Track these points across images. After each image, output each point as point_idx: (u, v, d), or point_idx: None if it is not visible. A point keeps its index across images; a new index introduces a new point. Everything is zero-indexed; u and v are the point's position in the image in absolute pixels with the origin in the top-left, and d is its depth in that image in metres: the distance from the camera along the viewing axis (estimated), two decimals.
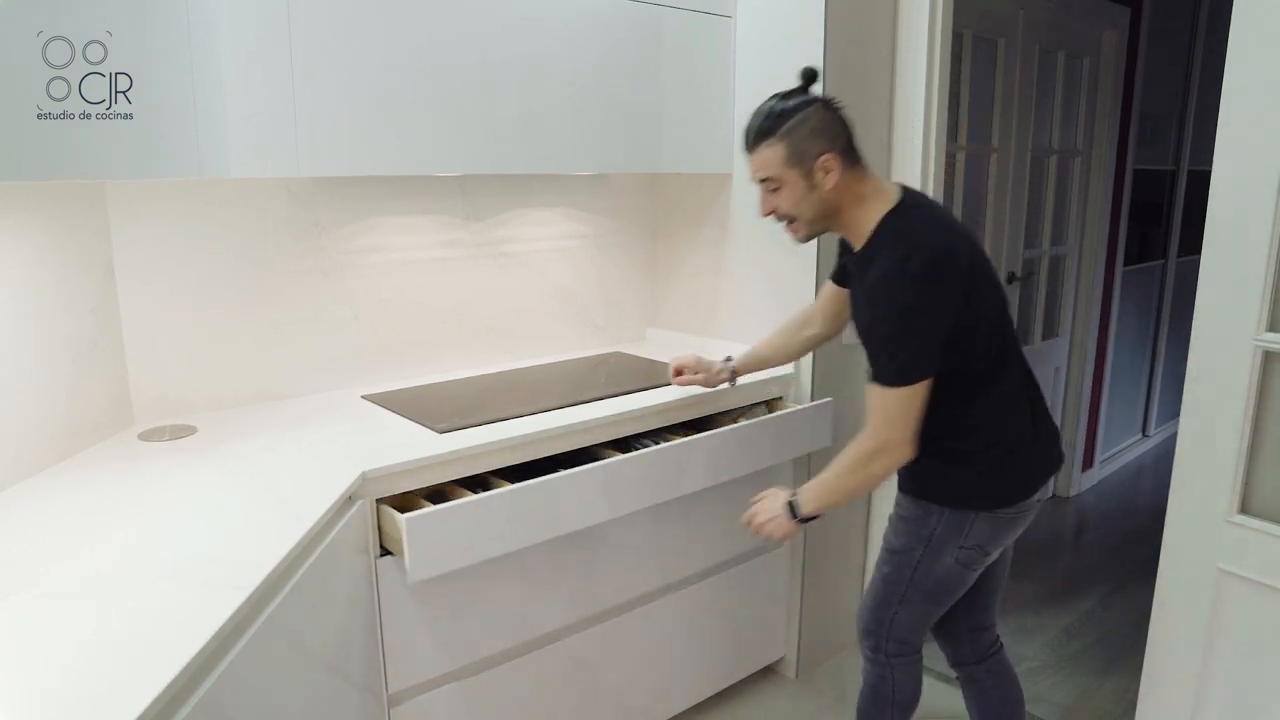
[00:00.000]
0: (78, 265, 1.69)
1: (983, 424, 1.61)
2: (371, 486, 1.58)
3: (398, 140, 1.82)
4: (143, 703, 0.87)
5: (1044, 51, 3.22)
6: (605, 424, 1.92)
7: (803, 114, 1.52)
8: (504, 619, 1.82)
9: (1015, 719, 1.88)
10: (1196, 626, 1.89)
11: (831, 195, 1.55)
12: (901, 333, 1.47)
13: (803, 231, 1.62)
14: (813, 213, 1.58)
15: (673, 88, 2.25)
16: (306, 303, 2.07)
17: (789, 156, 1.53)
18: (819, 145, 1.52)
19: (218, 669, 1.04)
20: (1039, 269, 3.49)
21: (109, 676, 0.94)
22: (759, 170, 1.58)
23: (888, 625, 1.75)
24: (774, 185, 1.57)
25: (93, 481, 1.53)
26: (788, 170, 1.54)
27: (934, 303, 1.47)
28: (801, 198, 1.56)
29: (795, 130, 1.52)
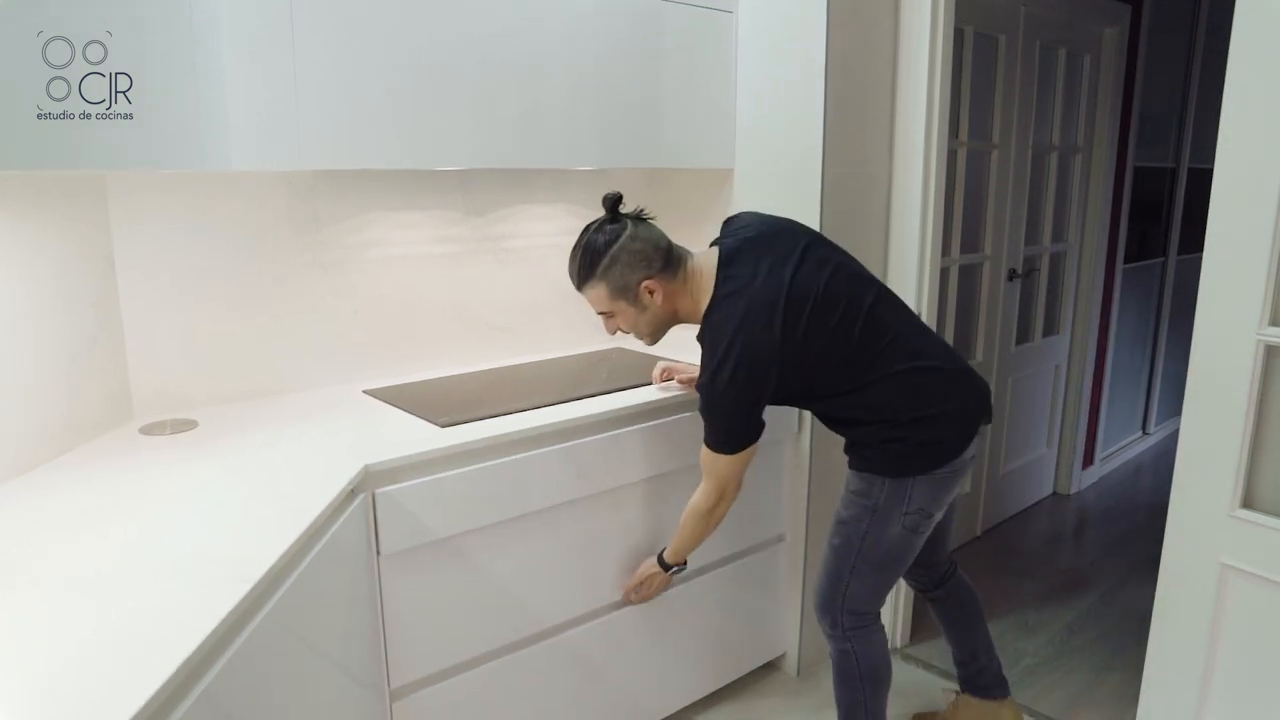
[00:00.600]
0: (78, 259, 1.69)
1: (880, 410, 1.73)
2: (374, 480, 1.57)
3: (398, 134, 1.81)
4: (142, 698, 0.87)
5: (1044, 48, 3.22)
6: (607, 419, 1.91)
7: (613, 250, 1.67)
8: (506, 614, 1.82)
9: (975, 619, 2.09)
10: (1199, 621, 1.89)
11: (663, 308, 1.74)
12: (722, 420, 1.69)
13: (648, 340, 1.83)
14: (650, 327, 1.78)
15: (673, 82, 2.25)
16: (306, 297, 2.07)
17: (612, 292, 1.70)
18: (637, 275, 1.69)
19: (219, 663, 1.04)
20: (1040, 266, 3.48)
21: (109, 672, 0.93)
22: (594, 305, 1.76)
23: (840, 599, 1.83)
24: (609, 314, 1.76)
25: (92, 476, 1.53)
26: (615, 303, 1.72)
27: (742, 396, 1.66)
28: (635, 319, 1.75)
29: (610, 269, 1.68)
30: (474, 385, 2.15)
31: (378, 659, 1.63)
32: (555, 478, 1.84)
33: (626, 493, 1.98)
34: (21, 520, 1.34)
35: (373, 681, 1.61)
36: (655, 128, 2.24)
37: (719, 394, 1.66)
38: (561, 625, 1.93)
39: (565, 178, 2.48)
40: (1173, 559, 1.93)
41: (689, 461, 2.10)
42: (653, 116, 2.23)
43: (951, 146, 2.88)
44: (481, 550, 1.75)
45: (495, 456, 1.74)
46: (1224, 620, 1.87)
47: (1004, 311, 3.28)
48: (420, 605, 1.67)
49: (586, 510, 1.92)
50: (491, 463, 1.73)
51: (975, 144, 3.00)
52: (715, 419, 1.71)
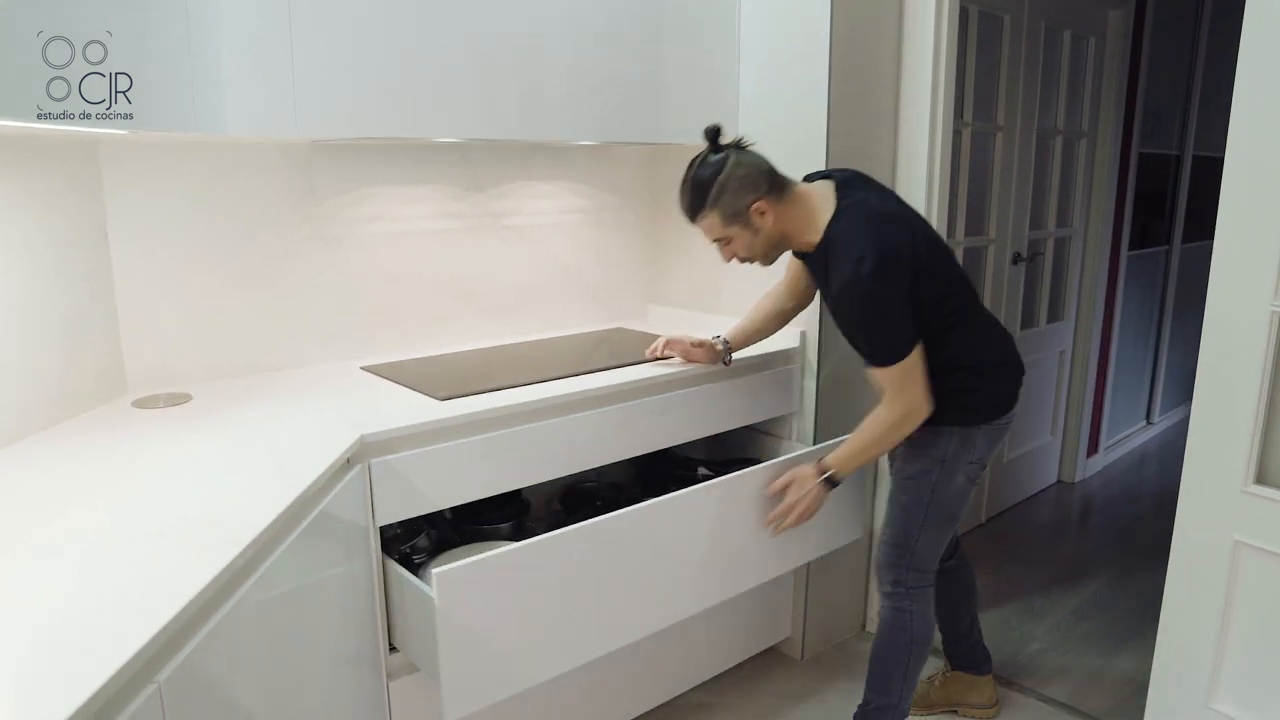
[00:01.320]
0: (71, 229, 1.65)
1: (963, 356, 1.79)
2: (370, 450, 1.54)
3: (398, 103, 1.78)
4: (126, 654, 0.83)
5: (1049, 30, 3.18)
6: (608, 393, 1.88)
7: (720, 179, 1.68)
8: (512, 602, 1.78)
9: (970, 596, 2.16)
10: (1212, 599, 1.86)
11: (774, 229, 1.73)
12: (879, 323, 1.67)
13: (763, 262, 1.82)
14: (764, 249, 1.76)
15: (676, 57, 2.22)
16: (305, 272, 2.03)
17: (725, 218, 1.70)
18: (746, 198, 1.69)
19: (207, 625, 1.00)
20: (1044, 250, 3.45)
21: (95, 630, 0.89)
22: (708, 234, 1.76)
23: (909, 556, 1.87)
24: (725, 240, 1.75)
25: (83, 446, 1.49)
26: (729, 229, 1.72)
27: (891, 291, 1.64)
28: (750, 243, 1.74)
29: (719, 196, 1.69)
30: (475, 362, 2.12)
31: (374, 634, 1.60)
32: (555, 451, 1.81)
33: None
34: (7, 487, 1.31)
35: (370, 658, 1.58)
36: (657, 103, 2.21)
37: (865, 291, 1.63)
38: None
39: (567, 155, 2.45)
40: (1184, 536, 1.90)
41: (694, 436, 2.08)
42: (655, 91, 2.19)
43: (956, 127, 2.84)
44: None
45: (494, 429, 1.71)
46: (1236, 597, 1.83)
47: (1008, 296, 3.24)
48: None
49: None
50: (490, 434, 1.70)
51: (980, 125, 2.97)
52: (870, 323, 1.68)
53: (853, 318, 1.72)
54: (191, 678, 0.96)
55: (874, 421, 1.75)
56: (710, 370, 2.06)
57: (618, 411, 1.90)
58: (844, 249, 1.66)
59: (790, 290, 2.04)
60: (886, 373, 1.69)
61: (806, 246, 1.76)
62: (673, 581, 1.80)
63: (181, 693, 0.93)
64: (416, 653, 1.58)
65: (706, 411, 2.09)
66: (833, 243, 1.69)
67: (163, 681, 0.89)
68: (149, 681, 0.88)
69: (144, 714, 0.86)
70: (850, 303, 1.68)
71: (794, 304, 2.05)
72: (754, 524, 1.90)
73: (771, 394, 2.25)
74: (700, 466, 2.17)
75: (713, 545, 1.84)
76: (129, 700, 0.84)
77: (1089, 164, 3.56)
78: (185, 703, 0.94)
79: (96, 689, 0.78)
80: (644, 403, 1.95)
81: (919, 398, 1.70)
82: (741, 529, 1.88)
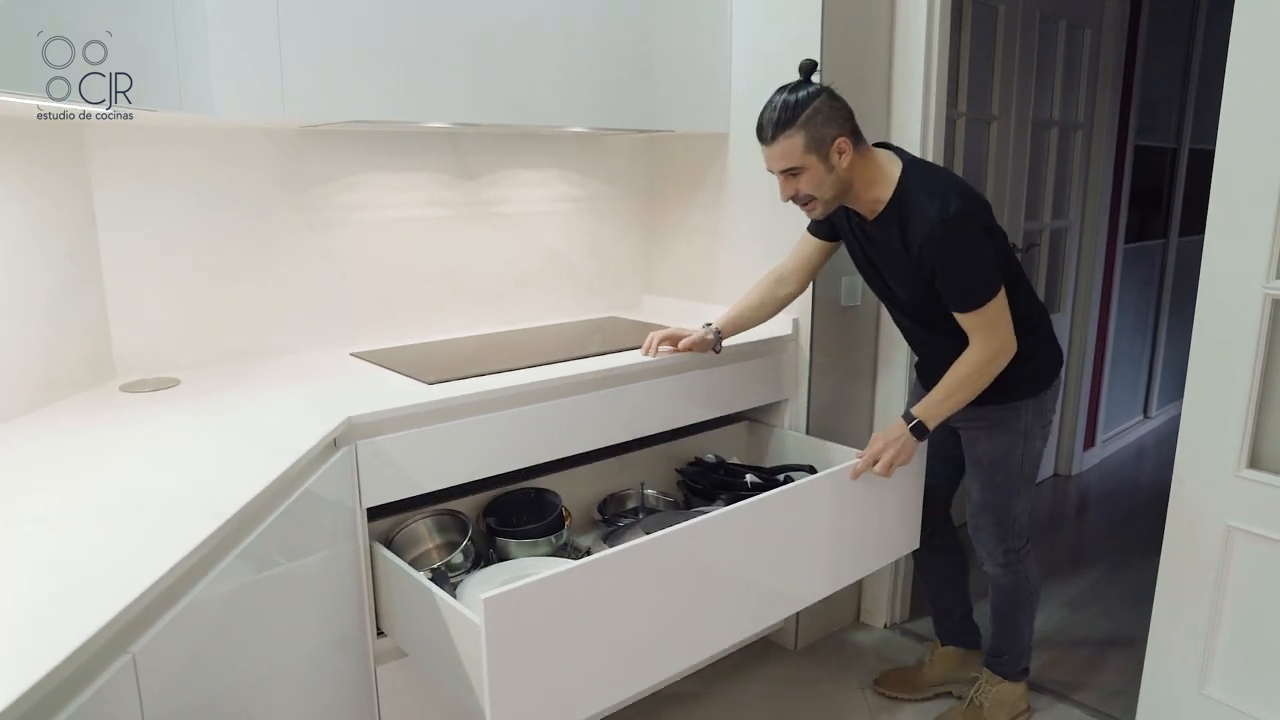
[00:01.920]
0: (57, 212, 1.65)
1: (1031, 313, 1.86)
2: (357, 432, 1.53)
3: (386, 87, 1.77)
4: (99, 623, 0.82)
5: (1045, 19, 3.18)
6: (598, 378, 1.87)
7: (814, 104, 1.66)
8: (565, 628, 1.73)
9: (964, 573, 2.23)
10: (1205, 584, 1.85)
11: (846, 174, 1.71)
12: (971, 263, 1.70)
13: (820, 209, 1.77)
14: (832, 192, 1.73)
15: (669, 44, 2.21)
16: (294, 259, 2.03)
17: (808, 144, 1.66)
18: (832, 130, 1.67)
19: (186, 597, 1.00)
20: (1040, 242, 3.44)
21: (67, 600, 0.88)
22: (782, 160, 1.70)
23: (1013, 527, 1.98)
24: (796, 172, 1.70)
25: (66, 427, 1.48)
26: (807, 156, 1.68)
27: (978, 232, 1.70)
28: (821, 180, 1.70)
29: (811, 120, 1.65)
30: (465, 349, 2.11)
31: (362, 616, 1.59)
32: (545, 435, 1.80)
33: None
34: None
35: (356, 640, 1.57)
36: (650, 90, 2.20)
37: (957, 232, 1.66)
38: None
39: (558, 143, 2.44)
40: (1178, 522, 1.89)
41: (685, 421, 2.07)
42: (647, 78, 2.19)
43: (950, 116, 2.84)
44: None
45: (483, 412, 1.70)
46: (1229, 583, 1.83)
47: None
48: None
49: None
50: (480, 418, 1.69)
51: (974, 114, 2.96)
52: (963, 263, 1.69)
53: (944, 260, 1.69)
54: (168, 650, 0.95)
55: (964, 364, 1.76)
56: (702, 357, 2.05)
57: (608, 396, 1.90)
58: (926, 198, 1.69)
59: (796, 273, 2.03)
60: (979, 314, 1.71)
61: (870, 203, 1.76)
62: (735, 599, 1.68)
63: (157, 665, 0.92)
64: (463, 686, 1.43)
65: (698, 397, 2.08)
66: (910, 195, 1.71)
67: (137, 652, 0.89)
68: (123, 652, 0.87)
69: (116, 684, 0.85)
70: (940, 246, 1.68)
71: (796, 288, 2.04)
72: (815, 537, 1.81)
73: (764, 381, 2.24)
74: (748, 474, 2.09)
75: (774, 560, 1.74)
76: (100, 670, 0.84)
77: (1085, 156, 3.55)
78: (160, 675, 0.93)
79: (66, 656, 0.77)
80: (634, 388, 1.94)
81: (1009, 335, 1.74)
82: (804, 542, 1.79)
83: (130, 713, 0.87)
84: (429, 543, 1.83)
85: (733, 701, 2.23)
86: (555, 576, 1.35)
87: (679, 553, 1.53)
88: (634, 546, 1.46)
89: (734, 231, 2.42)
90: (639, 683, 1.54)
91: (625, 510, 2.17)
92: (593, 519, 2.14)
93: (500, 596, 1.27)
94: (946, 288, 1.73)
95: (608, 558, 1.44)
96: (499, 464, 1.75)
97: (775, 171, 1.73)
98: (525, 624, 1.32)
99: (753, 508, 1.66)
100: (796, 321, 2.27)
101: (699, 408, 2.10)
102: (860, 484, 1.84)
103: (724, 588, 1.64)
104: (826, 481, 1.81)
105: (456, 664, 1.43)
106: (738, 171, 2.38)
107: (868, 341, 2.43)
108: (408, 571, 1.54)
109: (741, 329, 2.07)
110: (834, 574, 1.89)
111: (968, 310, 1.72)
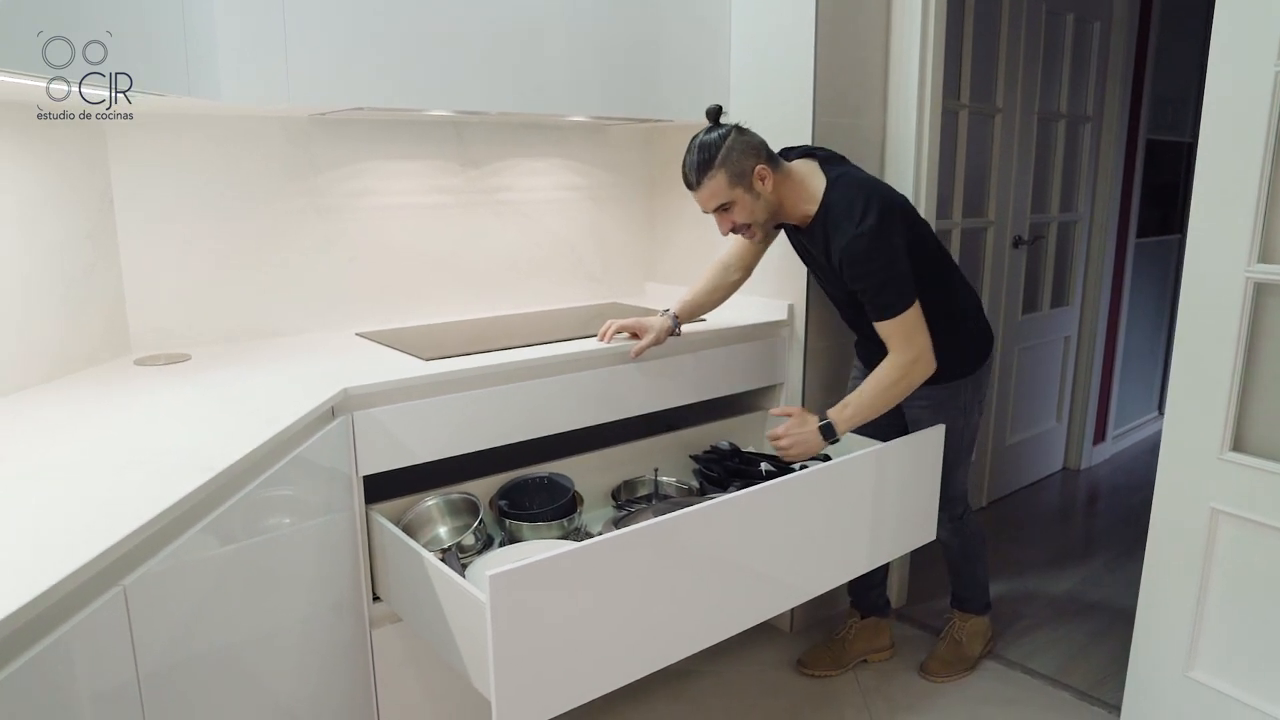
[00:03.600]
0: (77, 194, 1.73)
1: (955, 309, 1.99)
2: (354, 403, 1.60)
3: (391, 74, 1.83)
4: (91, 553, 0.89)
5: (1050, 14, 3.19)
6: (591, 358, 1.93)
7: (727, 143, 1.79)
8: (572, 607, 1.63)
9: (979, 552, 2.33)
10: (1190, 567, 1.87)
11: (773, 196, 1.85)
12: (886, 274, 1.79)
13: (759, 233, 1.94)
14: (764, 215, 1.87)
15: (670, 32, 2.25)
16: (302, 243, 2.10)
17: (730, 179, 1.80)
18: (750, 161, 1.81)
19: (178, 539, 1.06)
20: (1047, 234, 3.45)
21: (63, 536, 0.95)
22: (711, 199, 1.83)
23: (958, 491, 2.18)
24: (727, 207, 1.83)
25: (78, 395, 1.57)
26: (733, 190, 1.81)
27: (894, 243, 1.80)
28: (751, 208, 1.84)
29: (727, 157, 1.79)
30: (467, 330, 2.18)
31: (358, 580, 1.66)
32: (538, 411, 1.86)
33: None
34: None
35: (352, 603, 1.64)
36: (652, 80, 2.25)
37: (870, 245, 1.77)
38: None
39: (562, 133, 2.50)
40: (1163, 505, 1.91)
41: (678, 402, 2.13)
42: (650, 68, 2.24)
43: (953, 108, 2.86)
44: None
45: (478, 386, 1.76)
46: (1214, 566, 1.84)
47: (1009, 278, 3.25)
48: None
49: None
50: (474, 392, 1.76)
51: (977, 106, 2.98)
52: (876, 275, 1.79)
53: (859, 273, 1.80)
54: (159, 588, 1.02)
55: (882, 372, 1.84)
56: (697, 339, 2.11)
57: (601, 375, 1.95)
58: (845, 210, 1.81)
59: (740, 261, 2.13)
60: (896, 323, 1.81)
61: (801, 217, 1.89)
62: (743, 586, 1.67)
63: (147, 600, 0.99)
64: (465, 661, 1.46)
65: (690, 380, 2.13)
66: (832, 208, 1.83)
67: (128, 585, 0.96)
68: (115, 584, 0.94)
69: (108, 611, 0.92)
70: (856, 258, 1.78)
71: (741, 275, 2.15)
72: (828, 524, 1.80)
73: (757, 365, 2.28)
74: (762, 462, 2.11)
75: (786, 547, 1.73)
76: (94, 597, 0.91)
77: (1094, 149, 3.55)
78: (151, 611, 1.00)
79: (62, 577, 0.84)
80: (627, 368, 1.99)
81: (925, 345, 1.82)
82: (815, 530, 1.78)
83: (120, 639, 0.94)
84: (441, 525, 1.87)
85: (724, 680, 2.27)
86: (562, 555, 1.34)
87: (688, 536, 1.52)
88: (642, 528, 1.45)
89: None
90: (643, 666, 1.51)
91: (638, 497, 2.19)
92: (607, 505, 2.16)
93: (506, 574, 1.27)
94: (864, 299, 1.84)
95: (615, 538, 1.42)
96: (492, 438, 1.81)
97: (709, 211, 1.86)
98: (531, 602, 1.31)
99: (765, 493, 1.65)
100: (792, 306, 2.31)
101: (690, 390, 2.15)
102: (877, 473, 1.87)
103: (732, 574, 1.63)
104: (842, 469, 1.80)
105: (460, 639, 1.45)
106: None
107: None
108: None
109: (697, 314, 2.16)
110: (847, 563, 1.89)
111: (883, 319, 1.82)
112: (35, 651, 0.81)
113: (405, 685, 1.78)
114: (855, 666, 2.33)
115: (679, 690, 2.22)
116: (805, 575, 1.80)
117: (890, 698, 2.20)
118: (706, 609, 1.60)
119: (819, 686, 2.25)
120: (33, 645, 0.81)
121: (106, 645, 0.92)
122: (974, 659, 2.32)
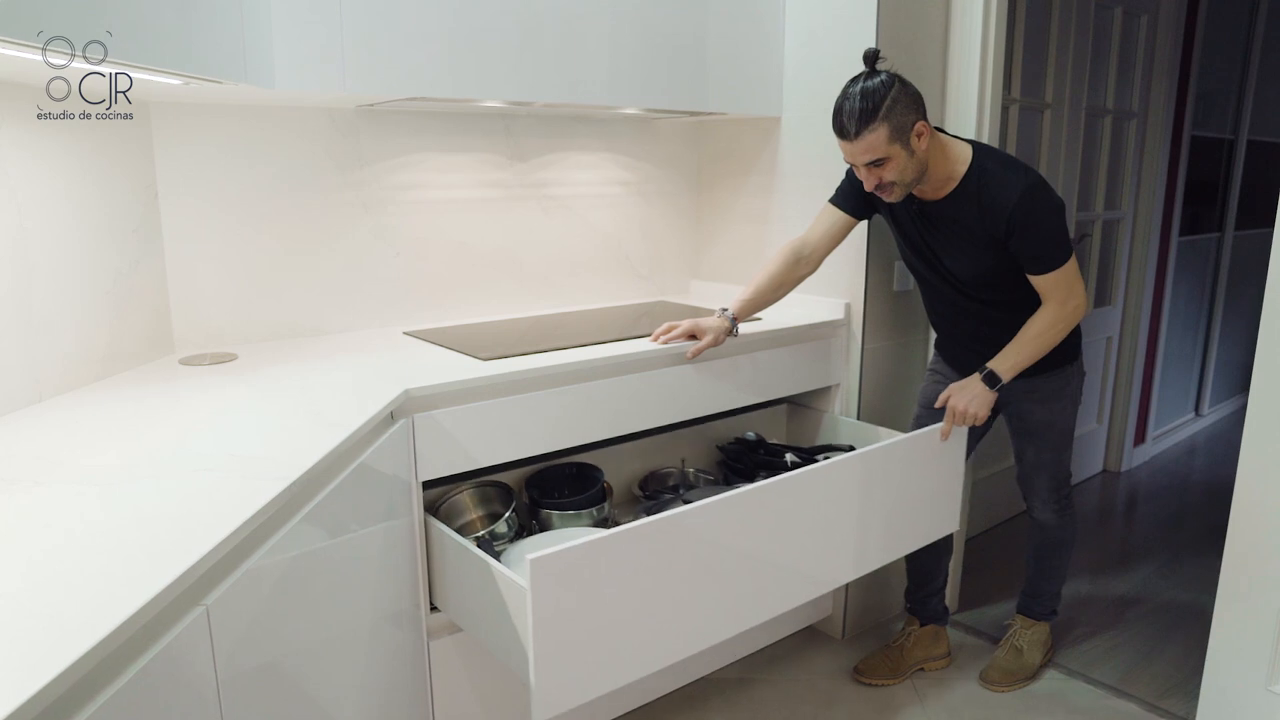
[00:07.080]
0: (123, 186, 1.67)
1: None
2: (414, 405, 1.54)
3: (443, 63, 1.76)
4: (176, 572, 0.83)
5: (1100, 6, 3.11)
6: (651, 359, 1.87)
7: (891, 93, 1.68)
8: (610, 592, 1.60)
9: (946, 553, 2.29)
10: (1272, 577, 1.79)
11: (925, 156, 1.75)
12: (1054, 226, 1.78)
13: (899, 193, 1.79)
14: (913, 174, 1.76)
15: (720, 23, 2.19)
16: (348, 237, 2.04)
17: (892, 134, 1.69)
18: (912, 116, 1.70)
19: (256, 554, 1.00)
20: (1092, 232, 3.38)
21: (144, 551, 0.89)
22: (867, 153, 1.71)
23: (1067, 480, 2.14)
24: (880, 162, 1.72)
25: (131, 396, 1.50)
26: (892, 146, 1.70)
27: (1055, 199, 1.79)
28: (905, 166, 1.73)
29: (891, 109, 1.67)
30: (517, 329, 2.11)
31: (416, 590, 1.60)
32: (598, 413, 1.80)
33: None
34: (58, 427, 1.32)
35: (410, 614, 1.58)
36: (701, 72, 2.18)
37: (1046, 198, 1.77)
38: None
39: (610, 127, 2.44)
40: (1242, 513, 1.83)
41: (735, 404, 2.06)
42: (699, 60, 2.17)
43: (1004, 103, 2.79)
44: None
45: (538, 389, 1.70)
46: None
47: None
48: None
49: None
50: (534, 394, 1.70)
51: (1028, 101, 2.90)
52: (1045, 228, 1.78)
53: (1034, 223, 1.76)
54: (239, 605, 0.96)
55: (1040, 321, 1.84)
56: (753, 340, 2.04)
57: (660, 376, 1.89)
58: (1005, 171, 1.78)
59: (814, 253, 2.01)
60: (1060, 273, 1.79)
61: (943, 180, 1.81)
62: (775, 572, 1.66)
63: (228, 619, 0.93)
64: (499, 646, 1.48)
65: (746, 381, 2.07)
66: (988, 173, 1.79)
67: (210, 605, 0.89)
68: (197, 604, 0.88)
69: (192, 633, 0.86)
70: (1033, 210, 1.75)
71: (812, 268, 2.03)
72: (855, 514, 1.79)
73: (814, 366, 2.22)
74: (788, 454, 2.10)
75: (814, 535, 1.72)
76: (177, 619, 0.85)
77: (1139, 146, 3.47)
78: (231, 630, 0.94)
79: (142, 605, 0.77)
80: (685, 369, 1.93)
81: (1082, 294, 1.83)
82: (843, 518, 1.76)
83: (203, 662, 0.88)
84: (473, 513, 1.86)
85: (779, 690, 2.21)
86: (601, 540, 1.35)
87: (722, 523, 1.53)
88: (679, 514, 1.46)
89: (785, 216, 2.39)
90: (679, 651, 1.53)
91: (666, 487, 2.18)
92: (634, 495, 2.16)
93: (547, 557, 1.27)
94: (1030, 251, 1.79)
95: (652, 524, 1.43)
96: (550, 441, 1.75)
97: (859, 165, 1.74)
98: (570, 586, 1.32)
99: (795, 481, 1.64)
100: (848, 306, 2.24)
101: (746, 392, 2.08)
102: (899, 463, 1.84)
103: (765, 560, 1.63)
104: (869, 458, 1.78)
105: (505, 629, 1.44)
106: (789, 156, 2.36)
107: (920, 327, 2.39)
108: (462, 543, 1.54)
109: (754, 313, 2.04)
110: (878, 550, 1.87)
111: (1049, 271, 1.79)
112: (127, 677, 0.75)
113: (462, 700, 1.72)
114: (912, 675, 2.26)
115: (734, 699, 2.16)
116: (836, 562, 1.79)
117: (952, 708, 2.13)
118: (739, 595, 1.61)
119: (877, 695, 2.18)
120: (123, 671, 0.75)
121: (192, 670, 0.86)
122: (1035, 667, 2.25)
